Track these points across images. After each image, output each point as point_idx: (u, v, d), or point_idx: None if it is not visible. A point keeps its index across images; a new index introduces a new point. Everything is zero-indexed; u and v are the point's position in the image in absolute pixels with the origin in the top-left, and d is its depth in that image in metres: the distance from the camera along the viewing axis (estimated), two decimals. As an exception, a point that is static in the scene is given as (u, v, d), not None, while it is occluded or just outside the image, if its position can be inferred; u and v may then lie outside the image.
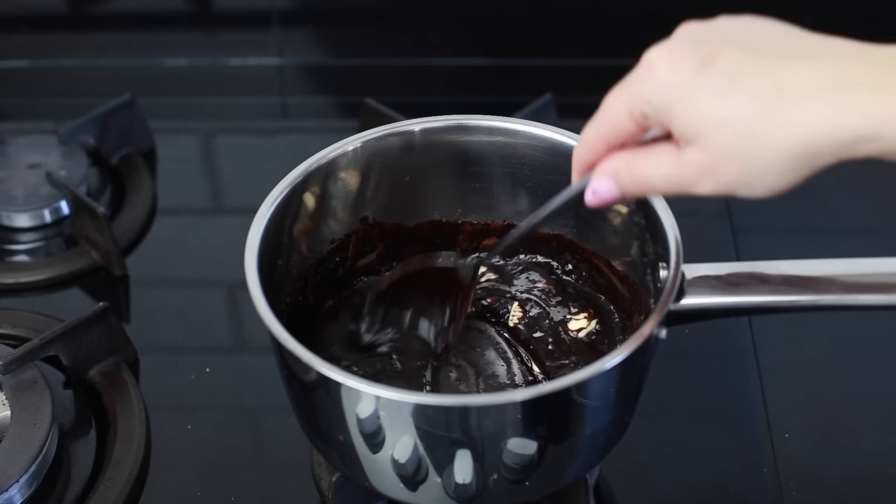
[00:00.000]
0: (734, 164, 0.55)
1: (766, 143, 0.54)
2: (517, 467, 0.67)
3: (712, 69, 0.55)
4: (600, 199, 0.62)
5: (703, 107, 0.55)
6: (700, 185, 0.57)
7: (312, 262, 0.79)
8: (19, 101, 1.20)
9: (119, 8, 1.24)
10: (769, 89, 0.54)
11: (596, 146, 0.61)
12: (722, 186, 0.57)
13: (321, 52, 1.25)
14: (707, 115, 0.55)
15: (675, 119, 0.56)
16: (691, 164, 0.57)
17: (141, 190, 1.05)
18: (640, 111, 0.58)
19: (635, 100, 0.58)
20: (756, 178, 0.56)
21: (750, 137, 0.54)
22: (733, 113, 0.54)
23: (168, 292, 0.98)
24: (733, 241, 0.97)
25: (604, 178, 0.61)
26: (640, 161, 0.60)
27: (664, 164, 0.58)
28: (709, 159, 0.56)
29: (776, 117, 0.54)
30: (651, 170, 0.59)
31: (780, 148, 0.54)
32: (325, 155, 0.77)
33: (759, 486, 0.80)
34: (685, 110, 0.56)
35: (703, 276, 0.70)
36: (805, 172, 0.55)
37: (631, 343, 0.64)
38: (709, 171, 0.56)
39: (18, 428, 0.79)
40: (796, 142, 0.54)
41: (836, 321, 0.90)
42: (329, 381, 0.64)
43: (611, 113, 0.60)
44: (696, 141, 0.56)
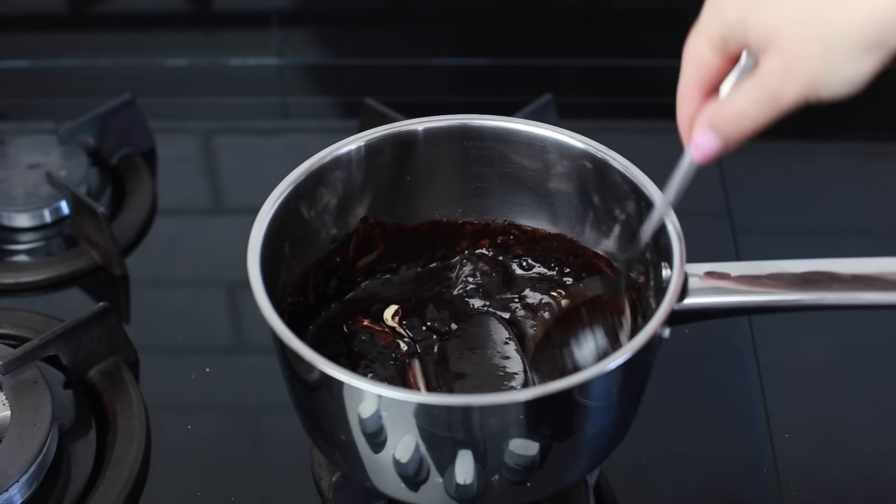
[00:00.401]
0: (811, 56, 0.56)
1: (838, 26, 0.55)
2: (519, 468, 0.67)
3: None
4: (704, 153, 0.63)
5: (772, 9, 0.57)
6: (785, 91, 0.58)
7: (313, 262, 0.79)
8: (19, 101, 1.20)
9: (119, 8, 1.24)
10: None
11: (692, 95, 0.62)
12: (805, 86, 0.57)
13: (321, 52, 1.25)
14: (777, 16, 0.56)
15: (750, 30, 0.58)
16: (771, 71, 0.58)
17: (141, 190, 1.04)
18: (718, 36, 0.59)
19: (711, 28, 0.59)
20: (836, 68, 0.56)
21: (821, 24, 0.55)
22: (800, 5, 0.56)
23: (168, 292, 0.98)
24: (733, 241, 0.97)
25: (703, 130, 0.62)
26: (728, 100, 0.60)
27: (748, 88, 0.59)
28: (786, 58, 0.57)
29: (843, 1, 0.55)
30: (739, 100, 0.60)
31: (853, 28, 0.55)
32: (326, 155, 0.77)
33: (759, 486, 0.80)
34: (757, 18, 0.57)
35: (706, 276, 0.70)
36: (882, 53, 0.56)
37: (635, 343, 0.64)
38: (789, 73, 0.57)
39: (18, 428, 0.79)
40: (868, 19, 0.55)
41: (837, 321, 0.90)
42: (332, 381, 0.64)
43: (693, 53, 0.61)
44: (772, 44, 0.57)
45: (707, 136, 0.62)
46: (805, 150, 1.09)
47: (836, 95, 0.57)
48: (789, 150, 1.09)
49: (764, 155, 1.07)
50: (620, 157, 0.75)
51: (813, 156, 1.08)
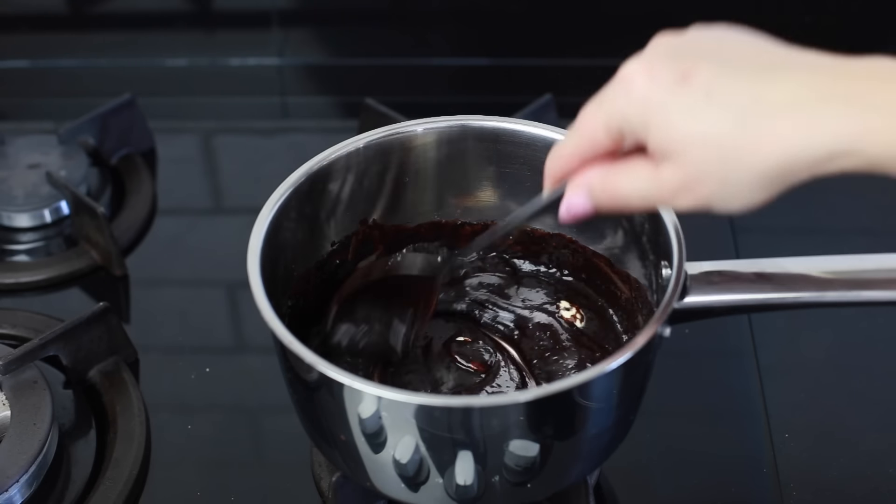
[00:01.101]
0: (711, 182, 0.55)
1: (743, 160, 0.54)
2: (520, 469, 0.67)
3: (690, 85, 0.55)
4: (574, 214, 0.62)
5: (680, 124, 0.55)
6: (676, 201, 0.57)
7: (313, 264, 0.79)
8: (19, 101, 1.20)
9: (119, 8, 1.24)
10: (746, 105, 0.54)
11: (570, 160, 0.61)
12: (698, 202, 0.56)
13: (321, 52, 1.25)
14: (684, 133, 0.55)
15: (652, 135, 0.56)
16: (668, 180, 0.56)
17: (141, 190, 1.04)
18: (616, 126, 0.58)
19: (612, 115, 0.58)
20: (732, 195, 0.56)
21: (727, 155, 0.54)
22: (711, 130, 0.54)
23: (168, 292, 0.98)
24: (733, 240, 0.97)
25: (578, 192, 0.61)
26: (615, 175, 0.59)
27: (640, 179, 0.58)
28: (685, 176, 0.56)
29: (753, 134, 0.54)
30: (626, 184, 0.59)
31: (756, 165, 0.54)
32: (326, 156, 0.77)
33: (759, 486, 0.80)
34: (662, 127, 0.55)
35: (706, 274, 0.70)
36: (779, 188, 0.55)
37: (636, 342, 0.64)
38: (685, 188, 0.56)
39: (18, 428, 0.79)
40: (773, 158, 0.54)
41: (837, 321, 0.90)
42: (332, 382, 0.64)
43: (586, 127, 0.59)
44: (673, 157, 0.56)
45: (582, 199, 0.61)
46: (805, 149, 1.09)
47: (729, 213, 0.57)
48: (789, 150, 1.09)
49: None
50: (620, 158, 0.75)
51: (813, 156, 1.08)
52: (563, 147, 0.61)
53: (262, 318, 0.67)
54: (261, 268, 0.69)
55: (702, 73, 0.55)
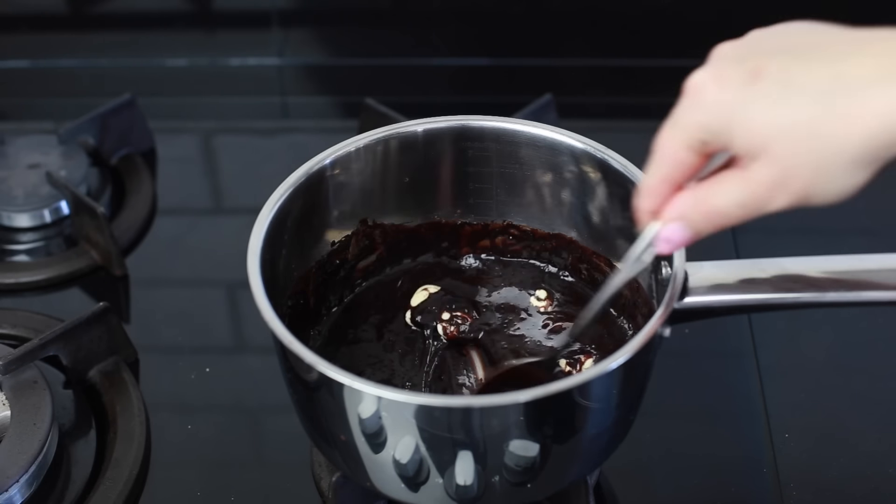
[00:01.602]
0: (805, 171, 0.53)
1: (835, 141, 0.52)
2: (520, 469, 0.67)
3: (763, 79, 0.53)
4: (674, 246, 0.60)
5: (761, 118, 0.53)
6: (774, 200, 0.55)
7: (313, 264, 0.79)
8: (19, 101, 1.20)
9: (119, 8, 1.24)
10: (828, 86, 0.52)
11: (660, 190, 0.59)
12: (796, 197, 0.55)
13: (321, 52, 1.25)
14: (768, 125, 0.53)
15: (736, 137, 0.54)
16: (761, 181, 0.55)
17: (141, 190, 1.04)
18: (698, 140, 0.56)
19: (690, 129, 0.56)
20: (829, 182, 0.54)
21: (816, 138, 0.52)
22: (794, 116, 0.53)
23: (168, 292, 0.98)
24: (733, 240, 0.97)
25: (673, 224, 0.59)
26: (707, 196, 0.57)
27: (733, 190, 0.56)
28: (778, 171, 0.54)
29: (841, 112, 0.52)
30: (721, 200, 0.57)
31: (849, 143, 0.52)
32: (325, 157, 0.77)
33: (759, 486, 0.80)
34: (744, 125, 0.54)
35: (706, 274, 0.70)
36: (877, 166, 0.53)
37: (636, 342, 0.64)
38: (780, 185, 0.54)
39: (18, 428, 0.79)
40: (866, 134, 0.52)
41: (837, 321, 0.90)
42: (332, 382, 0.64)
43: (668, 151, 0.57)
44: (762, 154, 0.54)
45: (679, 229, 0.59)
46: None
47: (827, 204, 0.55)
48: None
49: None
50: (620, 157, 0.75)
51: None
52: (649, 180, 0.59)
53: (262, 318, 0.67)
54: (261, 268, 0.69)
55: (773, 66, 0.53)
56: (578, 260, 0.82)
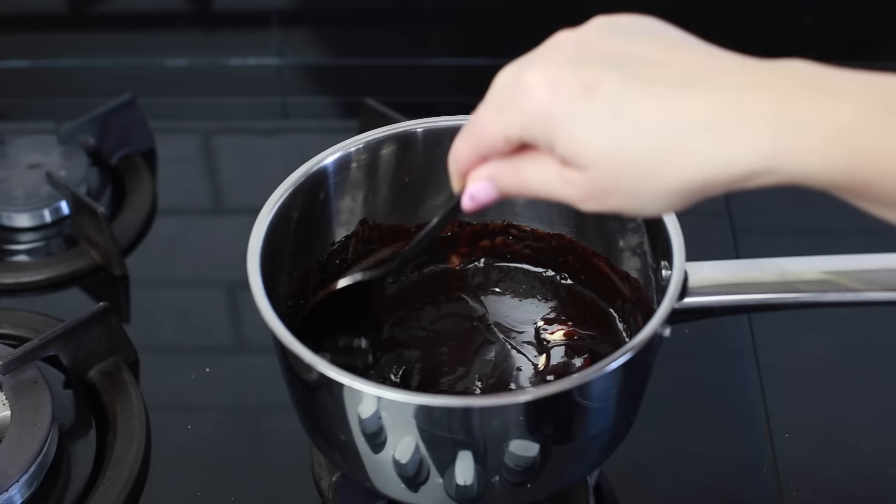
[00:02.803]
0: (618, 196, 0.54)
1: (654, 178, 0.52)
2: (520, 469, 0.67)
3: (596, 99, 0.52)
4: (478, 203, 0.60)
5: (587, 140, 0.53)
6: (584, 205, 0.55)
7: (313, 265, 0.79)
8: (19, 101, 1.20)
9: (119, 8, 1.24)
10: (657, 124, 0.52)
11: (469, 158, 0.59)
12: (605, 209, 0.55)
13: (321, 52, 1.25)
14: (591, 149, 0.53)
15: (558, 148, 0.54)
16: (576, 185, 0.55)
17: (141, 190, 1.05)
18: (516, 137, 0.56)
19: (511, 126, 0.55)
20: (642, 206, 0.54)
21: (638, 172, 0.53)
22: (620, 148, 0.52)
23: (168, 292, 0.98)
24: (733, 241, 0.97)
25: (481, 182, 0.59)
26: (521, 167, 0.57)
27: (548, 176, 0.56)
28: (594, 187, 0.54)
29: (665, 155, 0.52)
30: (533, 177, 0.57)
31: (668, 183, 0.52)
32: (325, 157, 0.77)
33: (759, 486, 0.80)
34: (568, 142, 0.53)
35: (706, 274, 0.70)
36: (694, 201, 0.54)
37: (636, 342, 0.64)
38: (592, 196, 0.55)
39: (18, 428, 0.79)
40: (686, 177, 0.52)
41: (837, 321, 0.90)
42: (332, 382, 0.64)
43: (485, 133, 0.57)
44: (582, 169, 0.54)
45: (486, 187, 0.59)
46: (805, 149, 1.09)
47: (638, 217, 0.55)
48: (789, 150, 1.09)
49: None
50: (620, 158, 0.75)
51: (813, 156, 1.08)
52: (461, 148, 0.59)
53: (262, 318, 0.67)
54: (261, 268, 0.69)
55: (608, 85, 0.52)
56: (578, 260, 0.82)
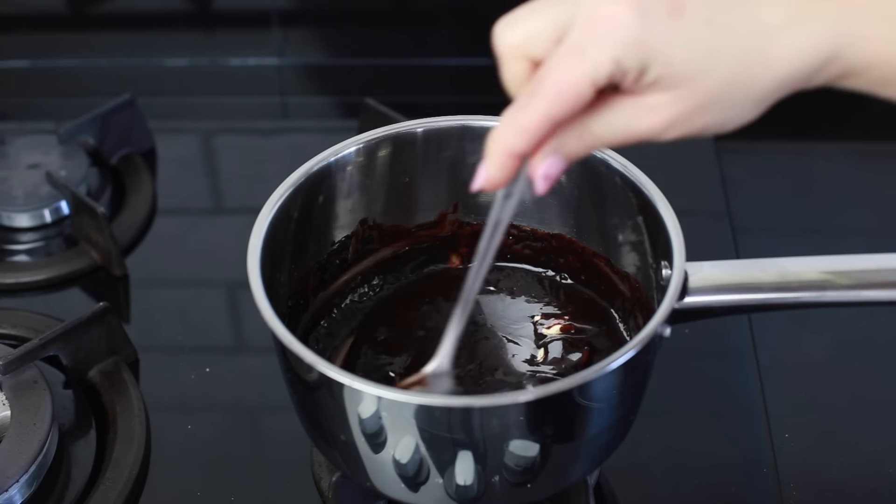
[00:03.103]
0: (715, 108, 0.54)
1: (750, 82, 0.54)
2: (520, 468, 0.67)
3: (686, 15, 0.53)
4: (553, 182, 0.57)
5: (687, 55, 0.53)
6: (670, 131, 0.55)
7: (313, 265, 0.79)
8: (19, 101, 1.20)
9: (119, 8, 1.24)
10: (748, 27, 0.53)
11: (541, 130, 0.54)
12: (693, 132, 0.55)
13: (321, 52, 1.25)
14: (691, 62, 0.53)
15: (655, 71, 0.53)
16: (663, 110, 0.54)
17: (141, 190, 1.04)
18: (606, 73, 0.52)
19: (603, 65, 0.52)
20: (732, 117, 0.55)
21: (734, 80, 0.54)
22: (718, 58, 0.53)
23: (168, 292, 0.98)
24: (733, 241, 0.97)
25: (548, 158, 0.56)
26: (591, 124, 0.55)
27: (626, 116, 0.54)
28: (688, 106, 0.54)
29: (759, 55, 0.53)
30: (607, 127, 0.55)
31: (762, 85, 0.54)
32: (325, 157, 0.77)
33: (759, 486, 0.80)
34: (668, 62, 0.53)
35: (706, 274, 0.70)
36: (771, 103, 0.55)
37: (636, 342, 0.64)
38: (684, 118, 0.54)
39: (18, 428, 0.79)
40: (778, 76, 0.54)
41: (837, 321, 0.90)
42: (332, 382, 0.64)
43: (568, 85, 0.53)
44: (676, 89, 0.53)
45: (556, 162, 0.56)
46: (805, 150, 1.09)
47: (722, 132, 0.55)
48: (789, 150, 1.09)
49: (764, 155, 1.07)
50: (620, 157, 0.75)
51: (813, 156, 1.09)
52: (529, 119, 0.54)
53: (262, 318, 0.67)
54: (261, 268, 0.69)
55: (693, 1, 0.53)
56: (578, 260, 0.82)
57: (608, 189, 0.76)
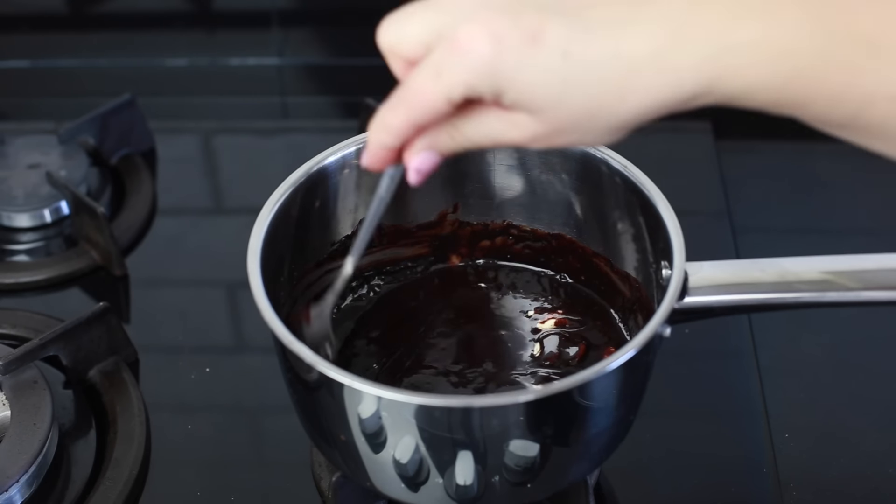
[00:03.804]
0: (572, 132, 0.55)
1: (608, 113, 0.54)
2: (520, 468, 0.67)
3: (543, 46, 0.52)
4: (424, 175, 0.59)
5: (539, 87, 0.53)
6: (534, 145, 0.56)
7: (313, 265, 0.79)
8: (19, 101, 1.20)
9: (119, 8, 1.24)
10: (606, 62, 0.52)
11: (405, 132, 0.57)
12: (554, 146, 0.56)
13: (321, 52, 1.25)
14: (545, 95, 0.53)
15: (508, 98, 0.54)
16: (525, 128, 0.55)
17: (141, 190, 1.04)
18: (460, 96, 0.54)
19: (455, 86, 0.54)
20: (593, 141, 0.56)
21: (590, 112, 0.54)
22: (572, 91, 0.53)
23: (168, 292, 0.98)
24: (733, 241, 0.97)
25: (422, 153, 0.58)
26: (461, 127, 0.57)
27: (493, 126, 0.56)
28: (545, 128, 0.54)
29: (617, 90, 0.53)
30: (476, 132, 0.56)
31: (621, 116, 0.54)
32: (326, 156, 0.77)
33: (759, 486, 0.80)
34: (520, 91, 0.53)
35: (706, 274, 0.70)
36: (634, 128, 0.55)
37: (636, 342, 0.64)
38: (543, 138, 0.55)
39: (18, 428, 0.79)
40: (638, 108, 0.53)
41: (837, 321, 0.90)
42: (332, 382, 0.64)
43: (425, 100, 0.55)
44: (532, 114, 0.54)
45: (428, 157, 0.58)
46: (805, 150, 1.09)
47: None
48: (789, 150, 1.09)
49: (764, 155, 1.07)
50: (620, 157, 0.75)
51: (813, 156, 1.08)
52: (393, 120, 0.57)
53: (262, 318, 0.67)
54: (261, 268, 0.69)
55: (553, 30, 0.52)
56: (578, 260, 0.82)
57: (608, 189, 0.76)
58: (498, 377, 0.77)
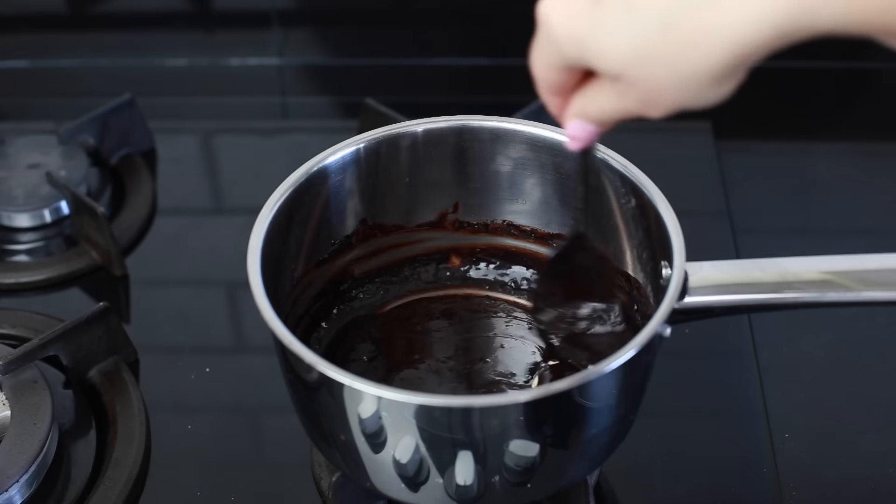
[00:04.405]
0: (667, 92, 0.54)
1: (689, 63, 0.52)
2: (520, 468, 0.67)
3: (606, 6, 0.53)
4: (581, 141, 0.62)
5: (611, 46, 0.54)
6: (649, 111, 0.56)
7: (313, 264, 0.79)
8: (19, 101, 1.20)
9: (119, 8, 1.24)
10: (668, 6, 0.52)
11: (551, 101, 0.61)
12: (670, 110, 0.55)
13: (321, 52, 1.25)
14: (618, 53, 0.54)
15: (593, 62, 0.55)
16: (630, 97, 0.56)
17: (141, 190, 1.04)
18: (560, 66, 0.57)
19: (551, 57, 0.57)
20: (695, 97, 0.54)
21: (670, 63, 0.53)
22: (641, 42, 0.53)
23: (168, 292, 0.98)
24: (733, 241, 0.97)
25: (572, 121, 0.61)
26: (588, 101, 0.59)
27: (610, 99, 0.57)
28: (641, 91, 0.55)
29: (687, 34, 0.51)
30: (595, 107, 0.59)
31: (705, 64, 0.52)
32: (326, 156, 0.77)
33: (759, 486, 0.80)
34: (597, 53, 0.54)
35: (706, 274, 0.70)
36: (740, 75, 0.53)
37: (636, 342, 0.64)
38: (649, 101, 0.55)
39: (18, 428, 0.79)
40: (719, 52, 0.51)
41: (837, 321, 0.90)
42: (332, 382, 0.64)
43: (541, 76, 0.60)
44: (623, 78, 0.55)
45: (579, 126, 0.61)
46: (805, 150, 1.09)
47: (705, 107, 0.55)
48: (789, 150, 1.09)
49: (764, 155, 1.07)
50: (620, 157, 0.75)
51: (813, 156, 1.09)
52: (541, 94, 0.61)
53: (262, 318, 0.67)
54: (261, 268, 0.69)
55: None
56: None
57: (608, 189, 0.76)
58: (497, 376, 0.77)
